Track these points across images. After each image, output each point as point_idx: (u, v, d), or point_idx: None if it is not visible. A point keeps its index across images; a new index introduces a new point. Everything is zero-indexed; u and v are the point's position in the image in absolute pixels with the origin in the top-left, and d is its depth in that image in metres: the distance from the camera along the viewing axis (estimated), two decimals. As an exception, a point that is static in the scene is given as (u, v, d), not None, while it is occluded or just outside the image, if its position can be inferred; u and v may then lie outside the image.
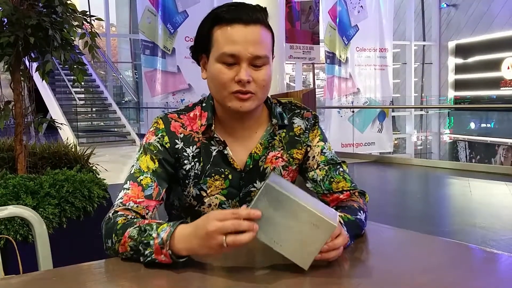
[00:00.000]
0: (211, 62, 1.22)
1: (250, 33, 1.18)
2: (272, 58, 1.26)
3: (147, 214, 1.18)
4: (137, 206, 1.17)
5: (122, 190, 1.20)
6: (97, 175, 3.01)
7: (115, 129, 12.73)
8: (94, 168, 3.15)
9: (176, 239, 1.01)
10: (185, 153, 1.26)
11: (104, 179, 2.93)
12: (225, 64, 1.19)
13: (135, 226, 1.06)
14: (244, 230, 0.94)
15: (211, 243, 0.96)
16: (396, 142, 15.00)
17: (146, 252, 1.02)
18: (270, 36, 1.23)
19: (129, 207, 1.16)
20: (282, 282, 0.95)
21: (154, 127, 1.27)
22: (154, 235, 1.02)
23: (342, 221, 1.13)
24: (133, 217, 1.13)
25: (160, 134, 1.26)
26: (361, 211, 1.23)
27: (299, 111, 1.37)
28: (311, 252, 0.97)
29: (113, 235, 1.08)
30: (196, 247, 0.99)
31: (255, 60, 1.19)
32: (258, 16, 1.20)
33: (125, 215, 1.13)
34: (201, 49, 1.26)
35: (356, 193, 1.31)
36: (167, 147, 1.25)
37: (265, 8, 1.23)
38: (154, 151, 1.24)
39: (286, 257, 0.98)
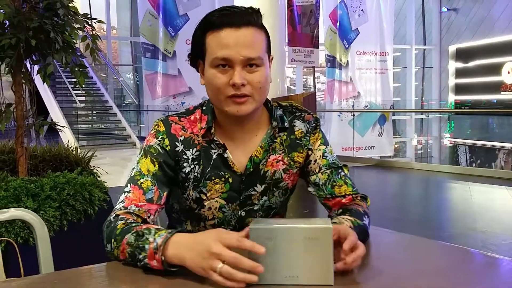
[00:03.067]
0: (206, 67, 1.22)
1: (241, 36, 1.17)
2: (271, 59, 1.26)
3: (148, 217, 1.18)
4: (139, 210, 1.17)
5: (123, 193, 1.20)
6: (97, 178, 3.02)
7: (116, 132, 12.73)
8: (94, 171, 3.15)
9: (170, 245, 1.00)
10: (185, 156, 1.26)
11: (105, 182, 2.93)
12: (219, 68, 1.19)
13: (133, 232, 1.06)
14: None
15: (204, 263, 0.94)
16: (396, 146, 14.98)
17: (140, 256, 1.01)
18: (264, 36, 1.23)
19: (130, 211, 1.16)
20: (282, 286, 0.95)
21: (155, 130, 1.28)
22: (151, 239, 1.02)
23: (352, 226, 1.13)
24: (133, 221, 1.13)
25: (160, 137, 1.26)
26: (366, 216, 1.24)
27: (300, 113, 1.35)
28: (327, 265, 0.95)
29: (112, 240, 1.08)
30: (187, 258, 0.97)
31: (249, 63, 1.18)
32: (249, 18, 1.20)
33: (125, 218, 1.13)
34: (197, 55, 1.26)
35: (359, 197, 1.32)
36: (167, 149, 1.25)
37: (258, 9, 1.23)
38: (155, 154, 1.24)
39: (308, 284, 0.95)
